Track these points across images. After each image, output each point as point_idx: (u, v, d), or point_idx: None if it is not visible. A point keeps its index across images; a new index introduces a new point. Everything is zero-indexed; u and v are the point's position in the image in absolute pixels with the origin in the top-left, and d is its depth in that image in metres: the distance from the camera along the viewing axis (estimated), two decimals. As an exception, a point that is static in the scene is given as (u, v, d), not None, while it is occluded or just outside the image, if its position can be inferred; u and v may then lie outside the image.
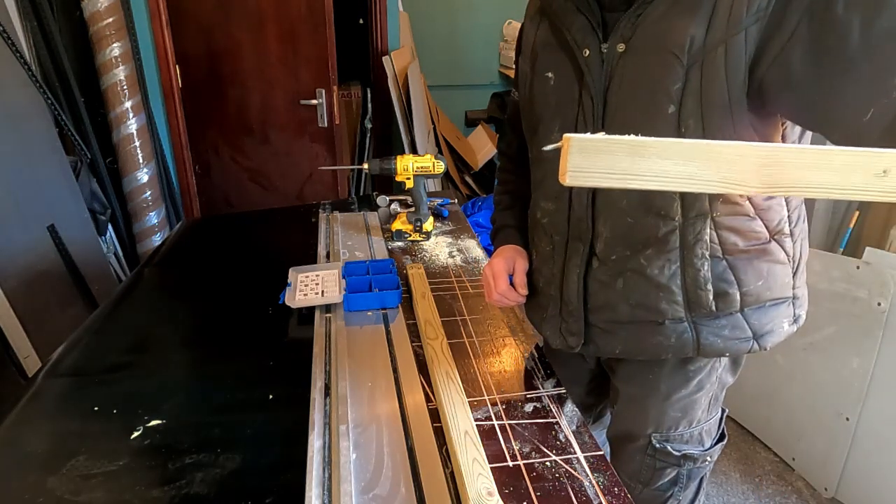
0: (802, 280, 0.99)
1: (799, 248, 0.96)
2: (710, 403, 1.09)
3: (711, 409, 1.10)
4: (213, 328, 1.35)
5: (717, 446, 1.13)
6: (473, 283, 1.46)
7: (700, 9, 0.80)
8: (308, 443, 0.89)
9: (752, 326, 0.94)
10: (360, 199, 2.16)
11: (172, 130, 3.06)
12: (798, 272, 0.97)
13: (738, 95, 0.80)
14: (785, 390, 2.03)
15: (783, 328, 0.97)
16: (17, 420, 1.01)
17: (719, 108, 0.82)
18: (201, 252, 1.85)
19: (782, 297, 0.95)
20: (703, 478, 1.16)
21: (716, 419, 1.12)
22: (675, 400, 1.04)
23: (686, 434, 1.08)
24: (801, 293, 0.99)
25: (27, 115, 2.30)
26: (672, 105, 0.84)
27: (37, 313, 2.03)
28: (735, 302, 0.92)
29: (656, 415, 1.07)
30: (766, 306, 0.94)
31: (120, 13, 2.62)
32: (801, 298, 0.99)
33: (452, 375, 1.03)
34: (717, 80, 0.81)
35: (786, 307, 0.96)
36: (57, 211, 2.30)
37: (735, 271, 0.91)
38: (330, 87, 3.14)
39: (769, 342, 0.96)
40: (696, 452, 1.09)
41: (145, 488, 0.84)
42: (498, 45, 4.36)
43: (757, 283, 0.92)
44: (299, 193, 3.39)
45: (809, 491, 1.92)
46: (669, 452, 1.08)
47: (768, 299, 0.93)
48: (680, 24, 0.81)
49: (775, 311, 0.95)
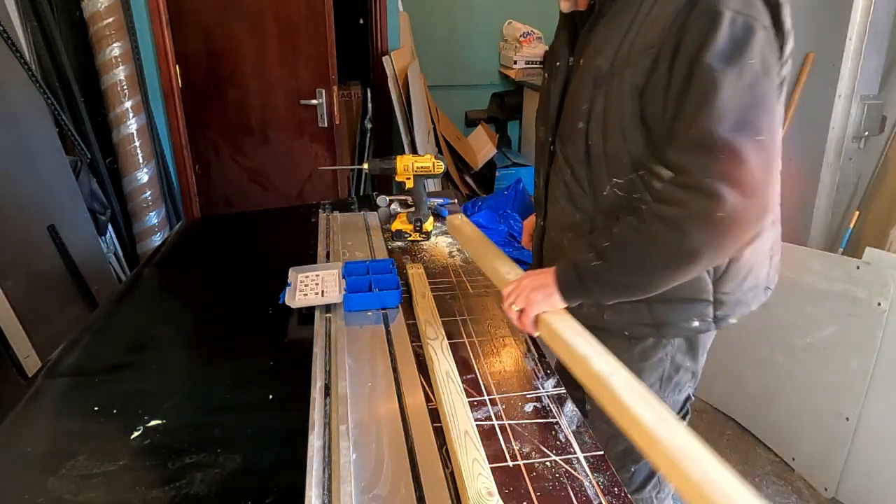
0: (734, 287, 1.05)
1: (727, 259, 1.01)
2: (663, 381, 1.15)
3: (665, 388, 1.16)
4: (213, 328, 1.35)
5: None
6: (473, 283, 1.45)
7: (613, 42, 0.95)
8: (308, 443, 0.88)
9: (653, 316, 1.05)
10: (360, 199, 2.15)
11: (172, 130, 3.06)
12: (724, 280, 1.04)
13: (631, 119, 0.94)
14: (785, 390, 2.03)
15: (691, 325, 1.06)
16: (17, 420, 1.01)
17: (614, 129, 0.96)
18: (201, 252, 1.85)
19: (694, 297, 1.04)
20: None
21: (673, 402, 1.19)
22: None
23: None
24: (729, 299, 1.05)
25: (27, 115, 2.30)
26: (581, 122, 1.00)
27: (37, 313, 2.03)
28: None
29: None
30: (673, 302, 1.03)
31: (120, 13, 2.62)
32: (729, 304, 1.06)
33: (452, 375, 1.03)
34: (613, 104, 0.95)
35: (700, 307, 1.05)
36: (57, 211, 2.30)
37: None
38: (330, 87, 3.14)
39: (670, 334, 1.07)
40: None
41: (145, 488, 0.84)
42: (498, 45, 4.35)
43: None
44: (299, 193, 3.39)
45: (809, 491, 1.92)
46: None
47: (675, 297, 1.02)
48: (600, 52, 0.97)
49: (682, 308, 1.04)
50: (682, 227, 0.86)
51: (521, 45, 4.11)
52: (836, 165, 2.19)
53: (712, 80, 0.84)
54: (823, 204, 2.25)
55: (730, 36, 0.84)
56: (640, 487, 1.25)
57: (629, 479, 1.24)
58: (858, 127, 2.13)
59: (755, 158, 0.83)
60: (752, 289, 1.09)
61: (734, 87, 0.83)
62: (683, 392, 1.21)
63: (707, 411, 2.30)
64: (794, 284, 1.99)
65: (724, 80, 0.83)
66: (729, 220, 0.84)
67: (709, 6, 0.85)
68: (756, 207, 0.85)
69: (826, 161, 2.19)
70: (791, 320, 2.00)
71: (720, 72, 0.83)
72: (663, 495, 1.29)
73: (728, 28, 0.84)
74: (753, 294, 1.10)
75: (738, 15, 0.85)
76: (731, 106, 0.83)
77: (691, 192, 0.85)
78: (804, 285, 1.96)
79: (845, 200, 2.24)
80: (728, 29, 0.84)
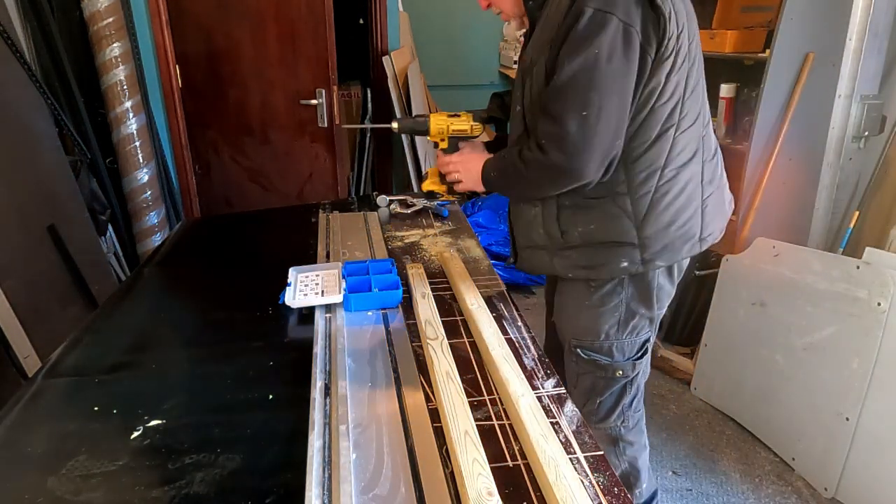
0: (657, 231, 1.23)
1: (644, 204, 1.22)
2: (620, 324, 1.33)
3: (622, 330, 1.33)
4: (213, 328, 1.35)
5: (629, 363, 1.36)
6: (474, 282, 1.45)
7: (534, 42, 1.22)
8: (308, 443, 0.88)
9: (587, 259, 1.27)
10: (360, 199, 2.15)
11: (172, 130, 3.06)
12: (644, 225, 1.23)
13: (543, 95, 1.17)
14: (785, 390, 2.03)
15: (619, 265, 1.25)
16: (17, 420, 1.01)
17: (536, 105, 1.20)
18: (201, 252, 1.85)
19: (620, 241, 1.24)
20: (621, 392, 1.39)
21: (632, 342, 1.35)
22: (582, 309, 1.34)
23: (595, 344, 1.34)
24: (653, 243, 1.24)
25: (27, 115, 2.30)
26: (518, 105, 1.27)
27: (37, 313, 2.03)
28: (574, 237, 1.27)
29: (571, 322, 1.38)
30: (602, 246, 1.25)
31: (120, 13, 2.62)
32: (654, 248, 1.24)
33: (452, 375, 1.03)
34: (535, 88, 1.20)
35: (626, 249, 1.24)
36: (57, 211, 2.30)
37: (574, 215, 1.25)
38: (330, 86, 3.14)
39: (604, 274, 1.28)
40: (604, 361, 1.35)
41: (145, 488, 0.84)
42: (498, 45, 4.36)
43: (590, 226, 1.25)
44: (299, 193, 3.39)
45: (809, 491, 1.92)
46: (580, 356, 1.36)
47: (604, 241, 1.25)
48: (530, 48, 1.24)
49: (611, 251, 1.25)
50: (529, 167, 1.19)
51: (521, 45, 4.11)
52: (836, 165, 2.19)
53: (560, 66, 1.11)
54: (823, 204, 2.25)
55: (582, 30, 1.08)
56: (605, 418, 1.42)
57: (595, 411, 1.41)
58: (858, 127, 2.13)
59: (574, 127, 1.11)
60: (680, 237, 1.26)
61: (571, 72, 1.09)
62: (641, 335, 1.36)
63: (707, 411, 2.30)
64: (794, 284, 1.99)
65: (567, 66, 1.10)
66: (554, 170, 1.16)
67: (578, 5, 1.09)
68: (575, 166, 1.14)
69: (826, 161, 2.19)
70: (791, 320, 2.00)
71: (566, 61, 1.10)
72: (630, 424, 1.44)
73: (585, 23, 1.08)
74: (682, 242, 1.27)
75: (597, 12, 1.07)
76: (567, 85, 1.11)
77: (537, 147, 1.17)
78: (804, 285, 1.96)
79: (845, 200, 2.24)
80: (585, 24, 1.08)
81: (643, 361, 1.39)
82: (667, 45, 1.12)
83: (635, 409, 1.44)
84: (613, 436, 1.44)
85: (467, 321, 1.27)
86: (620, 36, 1.08)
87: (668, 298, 1.36)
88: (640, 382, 1.42)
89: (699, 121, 1.24)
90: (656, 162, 1.20)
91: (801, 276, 1.97)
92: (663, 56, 1.13)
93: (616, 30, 1.08)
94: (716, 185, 1.32)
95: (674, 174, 1.22)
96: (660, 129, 1.18)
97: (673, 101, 1.18)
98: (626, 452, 1.46)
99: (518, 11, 1.30)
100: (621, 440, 1.44)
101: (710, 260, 2.42)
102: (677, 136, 1.20)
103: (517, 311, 1.33)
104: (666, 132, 1.19)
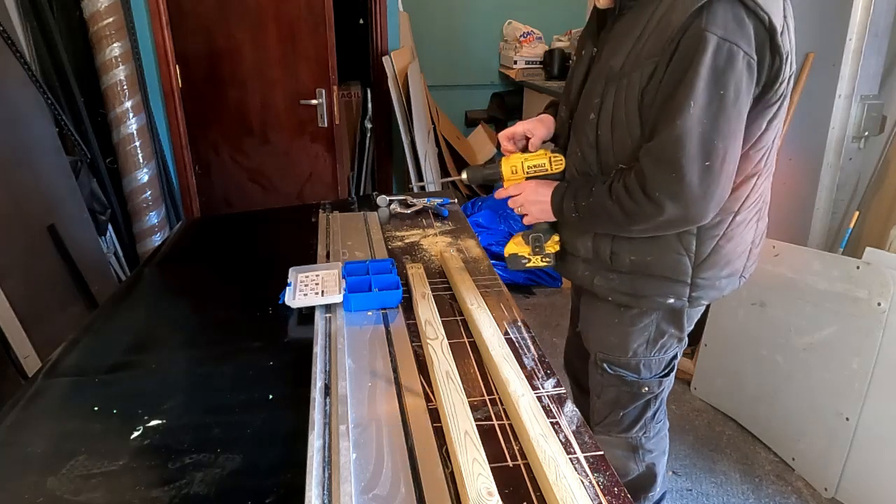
0: (713, 274, 1.19)
1: (708, 247, 1.16)
2: (649, 343, 1.29)
3: (651, 349, 1.30)
4: (214, 328, 1.35)
5: (655, 380, 1.33)
6: (474, 282, 1.45)
7: (625, 45, 1.07)
8: (308, 443, 0.88)
9: (634, 288, 1.21)
10: (360, 199, 2.15)
11: (172, 130, 3.06)
12: (703, 267, 1.17)
13: (635, 116, 1.07)
14: (785, 390, 2.03)
15: (666, 301, 1.21)
16: (17, 420, 1.01)
17: (621, 122, 1.09)
18: (201, 252, 1.85)
19: (674, 278, 1.18)
20: (645, 406, 1.37)
21: (658, 360, 1.32)
22: (612, 326, 1.30)
23: (623, 360, 1.32)
24: (705, 284, 1.19)
25: (27, 115, 2.30)
26: (592, 113, 1.13)
27: (37, 313, 2.03)
28: (625, 263, 1.19)
29: (599, 336, 1.35)
30: (654, 278, 1.19)
31: (120, 13, 2.62)
32: (704, 288, 1.20)
33: (452, 375, 1.03)
34: (621, 101, 1.08)
35: (677, 286, 1.19)
36: (57, 211, 2.30)
37: (631, 242, 1.17)
38: (330, 87, 3.14)
39: (646, 306, 1.23)
40: (631, 378, 1.33)
41: (145, 488, 0.84)
42: (498, 45, 4.36)
43: (646, 257, 1.17)
44: (299, 193, 3.39)
45: (809, 491, 1.92)
46: (606, 370, 1.34)
47: (658, 274, 1.18)
48: (614, 53, 1.09)
49: (662, 284, 1.19)
50: (631, 217, 1.08)
51: (521, 45, 4.11)
52: (836, 165, 2.19)
53: (686, 104, 0.97)
54: (823, 204, 2.25)
55: (711, 64, 0.96)
56: (628, 429, 1.40)
57: (618, 422, 1.39)
58: (858, 127, 2.13)
59: (696, 180, 1.00)
60: (728, 276, 1.22)
61: (700, 114, 0.97)
62: (670, 352, 1.34)
63: (707, 411, 2.30)
64: (794, 284, 1.99)
65: (695, 106, 0.97)
66: (666, 223, 1.07)
67: (699, 29, 0.95)
68: (691, 217, 1.06)
69: (826, 161, 2.19)
70: (791, 320, 2.00)
71: (688, 102, 0.97)
72: (651, 434, 1.42)
73: (711, 56, 0.95)
74: (728, 282, 1.23)
75: (723, 42, 0.95)
76: (691, 132, 0.98)
77: (644, 196, 1.04)
78: (804, 285, 1.96)
79: (845, 200, 2.24)
80: (711, 57, 0.95)
81: (669, 378, 1.36)
82: (777, 89, 1.03)
83: (657, 419, 1.42)
84: (634, 444, 1.42)
85: (467, 321, 1.27)
86: (745, 72, 0.97)
87: (697, 317, 1.33)
88: (664, 396, 1.39)
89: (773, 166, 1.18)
90: (732, 207, 1.13)
91: (801, 277, 1.97)
92: (770, 100, 1.04)
93: (742, 66, 0.96)
94: (765, 223, 1.26)
95: (743, 219, 1.16)
96: (745, 175, 1.11)
97: (766, 149, 1.11)
98: (646, 459, 1.44)
99: None
100: (641, 448, 1.43)
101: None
102: (758, 182, 1.14)
103: (517, 311, 1.33)
104: (750, 179, 1.13)
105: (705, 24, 0.95)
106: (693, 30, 0.96)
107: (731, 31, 0.95)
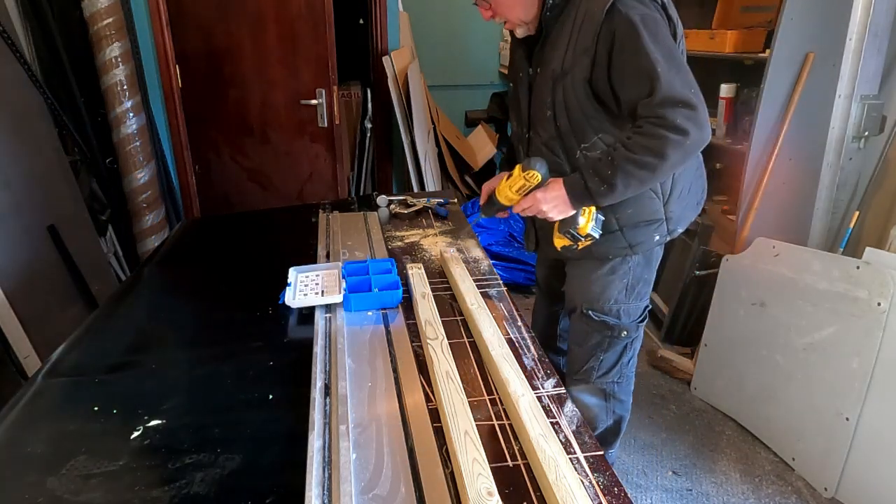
0: (678, 205, 1.45)
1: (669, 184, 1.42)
2: (627, 290, 1.51)
3: (629, 295, 1.52)
4: (213, 328, 1.35)
5: (634, 324, 1.54)
6: (474, 282, 1.45)
7: (559, 51, 1.33)
8: (308, 443, 0.88)
9: (628, 239, 1.44)
10: (360, 199, 2.16)
11: (172, 130, 3.06)
12: (670, 201, 1.43)
13: (586, 100, 1.32)
14: (785, 390, 2.03)
15: (654, 239, 1.45)
16: (17, 420, 1.01)
17: (575, 110, 1.34)
18: (201, 252, 1.85)
19: (654, 219, 1.43)
20: (622, 351, 1.56)
21: (636, 307, 1.55)
22: (595, 279, 1.51)
23: (606, 307, 1.52)
24: (675, 215, 1.45)
25: (27, 115, 2.30)
26: (548, 110, 1.38)
27: (37, 313, 2.03)
28: (613, 224, 1.42)
29: (584, 289, 1.54)
30: (640, 226, 1.43)
31: (120, 13, 2.62)
32: (675, 219, 1.46)
33: (452, 375, 1.03)
34: (570, 93, 1.33)
35: (657, 225, 1.44)
36: (57, 211, 2.30)
37: (611, 207, 1.37)
38: (330, 87, 3.14)
39: (642, 249, 1.46)
40: (612, 322, 1.52)
41: (145, 488, 0.84)
42: (498, 45, 4.35)
43: (627, 211, 1.40)
44: (299, 193, 3.39)
45: (809, 491, 1.92)
46: (591, 318, 1.53)
47: (641, 221, 1.42)
48: (553, 56, 1.34)
49: (647, 229, 1.44)
50: (665, 152, 1.23)
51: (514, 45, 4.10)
52: (836, 165, 2.19)
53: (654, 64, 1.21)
54: (823, 204, 2.25)
55: (646, 32, 1.21)
56: (605, 373, 1.59)
57: (597, 367, 1.58)
58: (858, 127, 2.13)
59: (699, 104, 1.23)
60: (689, 205, 1.49)
61: (667, 65, 1.21)
62: (643, 300, 1.56)
63: (707, 411, 2.30)
64: (794, 284, 1.99)
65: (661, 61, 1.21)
66: (692, 145, 1.24)
67: (622, 15, 1.22)
68: (706, 133, 1.26)
69: (826, 161, 2.19)
70: (791, 320, 2.00)
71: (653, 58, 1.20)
72: (623, 382, 1.61)
73: (642, 26, 1.21)
74: (690, 208, 1.50)
75: (644, 15, 1.22)
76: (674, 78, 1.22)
77: (669, 129, 1.22)
78: (804, 285, 1.96)
79: (845, 200, 2.24)
80: (643, 27, 1.21)
81: (642, 326, 1.59)
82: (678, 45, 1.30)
83: (630, 368, 1.62)
84: (608, 392, 1.61)
85: (467, 321, 1.27)
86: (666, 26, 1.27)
87: (658, 261, 1.56)
88: (636, 346, 1.60)
89: None
90: None
91: (801, 276, 1.97)
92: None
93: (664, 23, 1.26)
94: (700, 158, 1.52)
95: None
96: None
97: None
98: (615, 410, 1.64)
99: (526, 19, 1.39)
100: (613, 397, 1.62)
101: (710, 260, 2.42)
102: None
103: (517, 311, 1.33)
104: None
105: (625, 9, 1.22)
106: (618, 17, 1.22)
107: (643, 7, 1.24)
